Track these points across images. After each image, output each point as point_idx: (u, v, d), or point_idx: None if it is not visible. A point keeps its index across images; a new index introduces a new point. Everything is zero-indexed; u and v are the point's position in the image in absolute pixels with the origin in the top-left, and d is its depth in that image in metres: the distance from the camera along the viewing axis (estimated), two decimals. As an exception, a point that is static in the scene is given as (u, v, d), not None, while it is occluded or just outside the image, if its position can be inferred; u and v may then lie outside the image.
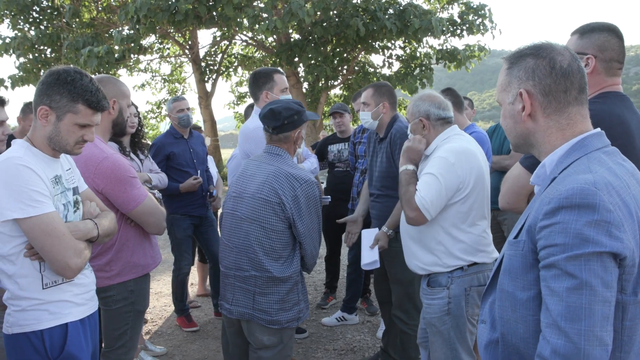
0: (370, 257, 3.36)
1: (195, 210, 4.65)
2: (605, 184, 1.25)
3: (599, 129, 1.42)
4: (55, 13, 15.28)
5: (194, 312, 5.25)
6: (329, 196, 4.13)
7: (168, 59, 19.18)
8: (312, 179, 2.62)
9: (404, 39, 14.67)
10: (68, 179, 2.13)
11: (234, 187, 2.73)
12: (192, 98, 24.23)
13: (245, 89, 20.28)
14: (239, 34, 15.91)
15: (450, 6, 15.63)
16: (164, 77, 20.48)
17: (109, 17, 15.81)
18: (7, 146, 2.27)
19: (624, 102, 2.09)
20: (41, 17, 15.29)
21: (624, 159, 1.41)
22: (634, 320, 1.28)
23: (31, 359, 1.96)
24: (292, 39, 14.92)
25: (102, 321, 2.65)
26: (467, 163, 2.62)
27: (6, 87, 14.84)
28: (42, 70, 14.43)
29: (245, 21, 12.52)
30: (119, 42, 12.38)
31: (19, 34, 14.64)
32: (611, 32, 2.09)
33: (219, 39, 17.12)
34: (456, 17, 14.78)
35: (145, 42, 15.34)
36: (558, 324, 1.21)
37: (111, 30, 14.37)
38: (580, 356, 1.18)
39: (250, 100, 6.27)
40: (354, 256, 4.81)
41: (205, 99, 17.69)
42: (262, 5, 12.61)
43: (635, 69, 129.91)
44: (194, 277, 6.21)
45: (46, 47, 14.97)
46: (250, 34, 15.94)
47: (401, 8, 13.12)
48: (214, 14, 12.62)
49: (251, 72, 3.49)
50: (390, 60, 16.09)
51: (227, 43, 17.87)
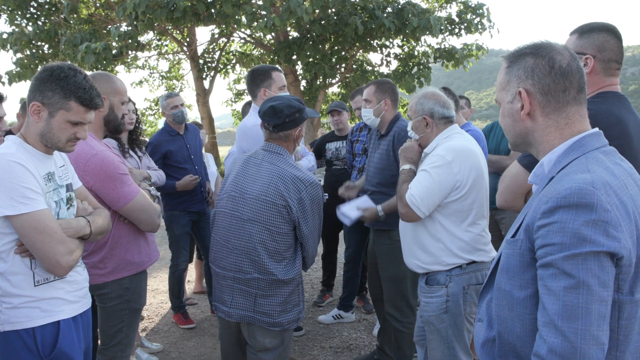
0: (350, 213, 3.28)
1: (194, 206, 4.64)
2: (603, 184, 1.25)
3: (597, 129, 1.41)
4: (53, 9, 15.22)
5: (191, 309, 5.24)
6: (326, 194, 4.13)
7: (166, 56, 19.13)
8: (316, 180, 2.60)
9: (402, 37, 14.69)
10: (61, 176, 2.12)
11: (231, 186, 2.68)
12: (189, 95, 24.21)
13: (243, 86, 20.26)
14: (237, 32, 15.91)
15: (449, 5, 15.63)
16: (161, 74, 20.42)
17: (107, 13, 15.76)
18: None
19: (622, 102, 2.09)
20: (39, 13, 15.22)
21: (622, 158, 1.41)
22: (630, 319, 1.28)
23: (23, 356, 1.95)
24: (290, 37, 14.91)
25: (98, 318, 2.65)
26: (466, 161, 2.61)
27: (3, 83, 14.79)
28: (39, 66, 14.35)
29: (244, 18, 12.50)
30: (116, 38, 12.33)
31: (16, 29, 14.58)
32: (610, 32, 2.09)
33: (217, 36, 17.10)
34: (454, 16, 14.79)
35: (143, 38, 15.30)
36: (555, 323, 1.21)
37: (109, 26, 14.31)
38: (577, 355, 1.18)
39: (248, 98, 6.26)
40: (350, 254, 4.82)
41: (203, 96, 17.65)
42: (260, 2, 12.58)
43: (632, 70, 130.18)
44: (191, 275, 6.21)
45: (43, 43, 14.90)
46: (248, 32, 15.91)
47: (399, 6, 13.11)
48: (212, 11, 12.59)
49: (249, 70, 3.47)
50: (389, 59, 16.09)
51: (225, 40, 17.83)
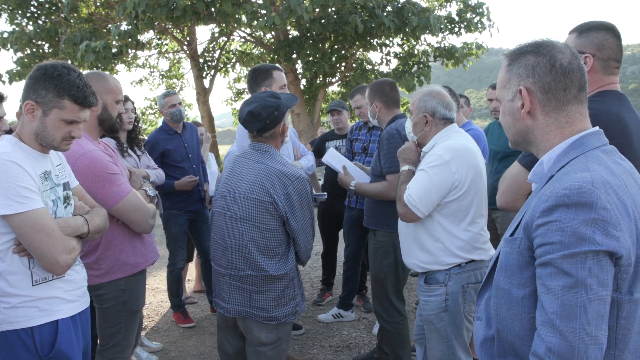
0: (335, 160, 3.87)
1: (192, 206, 4.65)
2: (602, 183, 1.24)
3: (597, 128, 1.41)
4: (54, 8, 15.20)
5: (191, 308, 5.25)
6: (325, 193, 4.12)
7: (166, 54, 19.11)
8: (303, 175, 2.59)
9: (402, 36, 14.66)
10: (58, 175, 2.11)
11: (223, 186, 2.69)
12: (190, 94, 24.17)
13: (243, 85, 20.21)
14: (237, 30, 15.87)
15: (449, 4, 15.61)
16: (162, 73, 20.39)
17: (107, 12, 15.74)
18: None
19: (621, 100, 2.09)
20: (39, 12, 15.21)
21: (622, 157, 1.41)
22: (629, 318, 1.27)
23: (21, 356, 1.94)
24: (290, 36, 14.89)
25: (96, 319, 2.64)
26: (464, 161, 2.61)
27: (3, 82, 14.79)
28: (39, 65, 14.32)
29: (244, 17, 12.48)
30: (116, 37, 12.32)
31: (16, 28, 14.57)
32: (609, 31, 2.09)
33: (217, 35, 17.07)
34: (454, 15, 14.77)
35: (144, 37, 15.28)
36: (553, 322, 1.21)
37: (109, 25, 14.30)
38: (575, 354, 1.18)
39: (248, 97, 6.24)
40: (350, 253, 4.81)
41: (203, 95, 17.63)
42: (260, 1, 12.55)
43: (632, 68, 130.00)
44: (191, 273, 6.21)
45: (44, 42, 14.89)
46: (248, 31, 15.89)
47: (399, 5, 13.08)
48: (213, 10, 12.57)
49: (250, 69, 3.47)
50: (388, 58, 16.06)
51: (226, 39, 17.80)
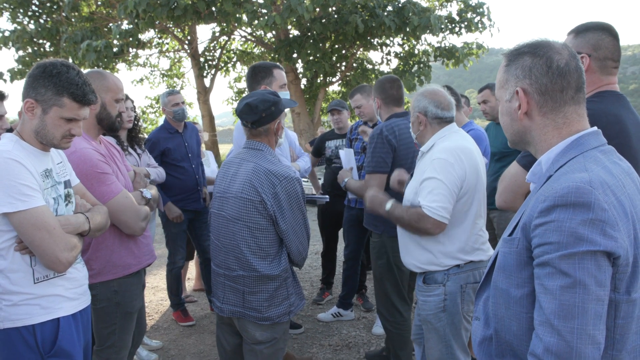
0: (349, 160, 3.92)
1: (191, 205, 4.66)
2: (600, 183, 1.25)
3: (595, 128, 1.41)
4: (55, 7, 15.21)
5: (190, 306, 5.26)
6: (327, 196, 4.12)
7: (167, 54, 19.11)
8: (292, 175, 2.57)
9: (402, 36, 14.66)
10: (59, 173, 2.11)
11: (218, 187, 2.70)
12: (190, 93, 24.07)
13: (244, 84, 20.15)
14: (238, 30, 15.88)
15: (449, 4, 15.60)
16: (162, 72, 20.39)
17: (108, 11, 15.74)
18: None
19: (620, 101, 2.09)
20: (40, 11, 15.23)
21: (620, 157, 1.41)
22: (627, 318, 1.28)
23: (23, 354, 1.95)
24: (291, 35, 14.89)
25: (92, 319, 2.65)
26: (464, 161, 2.60)
27: (5, 81, 14.81)
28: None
29: (244, 17, 12.49)
30: (117, 36, 12.32)
31: (18, 27, 14.60)
32: (605, 30, 2.10)
33: (217, 34, 17.08)
34: (455, 15, 14.77)
35: (144, 36, 15.29)
36: (551, 322, 1.21)
37: (110, 24, 14.31)
38: (573, 354, 1.18)
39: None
40: (350, 252, 4.82)
41: (204, 94, 17.64)
42: (261, 1, 12.56)
43: (632, 69, 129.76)
44: (190, 272, 6.22)
45: (45, 41, 14.92)
46: (249, 30, 15.90)
47: (400, 5, 13.09)
48: (213, 9, 12.58)
49: (250, 66, 3.42)
50: (389, 57, 16.06)
51: (226, 38, 17.80)
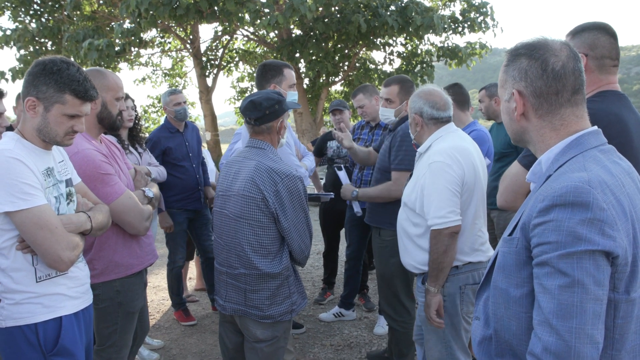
0: (343, 178, 3.91)
1: (191, 205, 4.66)
2: (599, 182, 1.25)
3: (595, 127, 1.41)
4: (56, 6, 15.23)
5: (192, 306, 5.26)
6: (331, 193, 4.12)
7: (169, 53, 19.13)
8: (294, 173, 2.57)
9: (405, 35, 14.66)
10: (60, 171, 2.12)
11: (220, 185, 2.71)
12: (192, 92, 24.09)
13: (246, 84, 20.20)
14: (240, 29, 15.88)
15: (452, 3, 15.60)
16: (164, 71, 20.41)
17: (110, 10, 15.76)
18: None
19: (621, 100, 2.09)
20: (42, 10, 15.24)
21: (620, 157, 1.41)
22: (626, 318, 1.27)
23: (25, 352, 1.95)
24: (293, 35, 14.89)
25: (93, 318, 2.65)
26: (462, 161, 2.59)
27: (7, 80, 14.82)
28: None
29: (247, 16, 12.49)
30: (119, 35, 12.34)
31: (19, 26, 14.61)
32: (601, 29, 2.11)
33: (220, 33, 17.08)
34: (458, 15, 14.76)
35: (147, 36, 15.31)
36: (550, 321, 1.21)
37: (112, 23, 14.32)
38: (571, 354, 1.18)
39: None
40: (352, 252, 4.82)
41: (206, 93, 17.64)
42: (263, 0, 12.57)
43: (636, 69, 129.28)
44: (192, 272, 6.22)
45: (47, 40, 14.93)
46: (251, 29, 15.90)
47: (403, 5, 13.08)
48: (216, 8, 12.58)
49: (260, 64, 3.42)
50: (392, 57, 16.07)
51: (229, 38, 17.81)
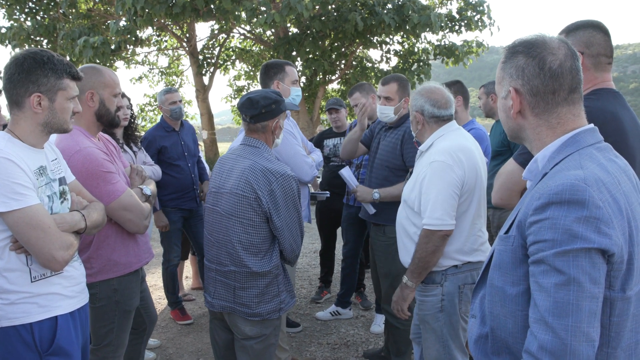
0: (350, 179, 3.69)
1: (186, 204, 4.66)
2: (595, 180, 1.24)
3: (592, 125, 1.41)
4: (52, 4, 15.17)
5: (188, 305, 5.25)
6: (327, 192, 4.12)
7: (165, 51, 19.09)
8: (289, 172, 2.57)
9: (402, 34, 14.65)
10: (53, 170, 2.10)
11: (213, 182, 2.70)
12: (189, 91, 24.14)
13: (243, 82, 20.23)
14: (236, 27, 15.85)
15: (449, 2, 15.62)
16: (161, 69, 20.37)
17: (106, 8, 15.71)
18: None
19: (617, 98, 2.10)
20: (37, 8, 15.19)
21: (617, 155, 1.41)
22: (622, 316, 1.27)
23: (21, 352, 1.94)
24: (290, 33, 14.87)
25: (89, 317, 2.63)
26: (463, 160, 2.57)
27: (1, 78, 14.72)
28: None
29: (243, 14, 12.47)
30: (114, 33, 12.29)
31: (15, 24, 14.53)
32: (595, 27, 2.12)
33: (216, 32, 17.06)
34: (454, 13, 14.77)
35: (143, 34, 15.26)
36: (545, 319, 1.21)
37: (108, 21, 14.28)
38: (567, 352, 1.18)
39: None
40: (348, 250, 4.82)
41: (203, 92, 17.62)
42: (260, -2, 12.55)
43: (633, 67, 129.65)
44: (188, 271, 6.21)
45: (42, 38, 14.86)
46: (248, 28, 15.88)
47: (400, 3, 13.07)
48: (212, 6, 12.55)
49: (263, 64, 3.52)
50: (388, 56, 16.06)
51: (225, 36, 17.79)
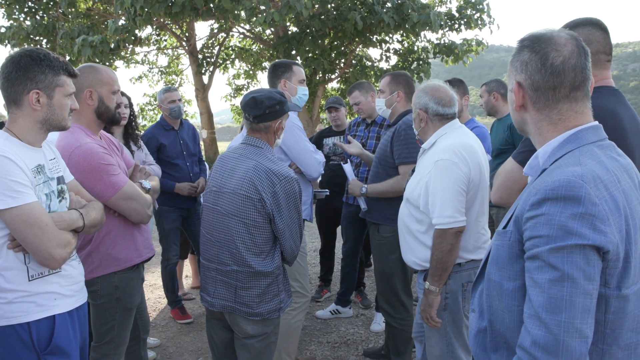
0: (350, 172, 3.81)
1: (184, 203, 4.66)
2: (593, 177, 1.24)
3: (596, 122, 1.40)
4: (51, 3, 15.15)
5: (188, 304, 5.26)
6: (327, 190, 4.12)
7: (165, 50, 19.07)
8: (292, 175, 2.58)
9: (401, 32, 14.62)
10: (52, 169, 2.11)
11: (213, 181, 2.70)
12: (189, 90, 24.15)
13: (242, 81, 20.23)
14: (236, 27, 15.84)
15: (448, 0, 15.58)
16: (161, 69, 20.36)
17: (105, 7, 15.69)
18: None
19: (616, 96, 2.10)
20: (37, 7, 15.16)
21: (620, 153, 1.40)
22: (618, 314, 1.27)
23: (18, 351, 1.94)
24: (289, 32, 14.85)
25: (91, 315, 2.63)
26: (468, 158, 2.57)
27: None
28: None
29: (243, 13, 12.45)
30: (113, 32, 12.28)
31: (14, 23, 14.51)
32: (594, 25, 2.12)
33: (216, 31, 17.04)
34: (454, 12, 14.75)
35: (142, 33, 15.24)
36: (539, 315, 1.21)
37: (107, 21, 14.25)
38: (559, 347, 1.18)
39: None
40: (348, 249, 4.82)
41: (202, 91, 17.60)
42: (259, -3, 12.53)
43: (633, 66, 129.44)
44: (188, 270, 6.22)
45: (42, 38, 14.83)
46: (247, 27, 15.87)
47: (399, 2, 13.03)
48: (211, 5, 12.53)
49: (271, 64, 3.62)
50: (388, 54, 16.03)
51: (224, 35, 17.77)
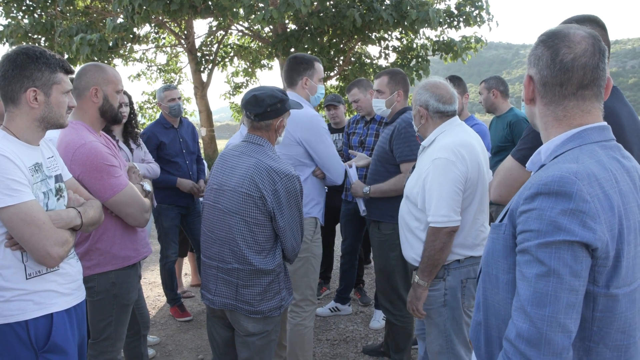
0: (353, 174, 3.71)
1: (182, 200, 4.66)
2: (587, 175, 1.25)
3: (604, 123, 1.40)
4: (49, 1, 15.12)
5: (188, 301, 5.26)
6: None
7: (164, 49, 19.05)
8: (293, 172, 2.58)
9: (400, 30, 14.61)
10: (49, 167, 2.11)
11: (214, 179, 2.70)
12: (188, 88, 24.17)
13: (241, 79, 20.19)
14: (234, 24, 15.81)
15: (447, -3, 15.55)
16: (159, 67, 20.34)
17: (103, 5, 15.66)
18: None
19: (615, 94, 2.10)
20: (35, 5, 15.12)
21: (625, 156, 1.39)
22: (606, 312, 1.28)
23: (16, 349, 1.94)
24: (288, 30, 14.84)
25: (88, 312, 2.63)
26: (466, 156, 2.57)
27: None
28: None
29: (241, 11, 12.43)
30: (111, 30, 12.26)
31: (12, 22, 14.48)
32: (592, 22, 2.12)
33: (214, 29, 17.01)
34: (453, 9, 14.73)
35: (141, 31, 15.22)
36: (525, 308, 1.23)
37: (105, 19, 14.23)
38: (542, 341, 1.20)
39: (246, 91, 6.22)
40: (347, 246, 4.82)
41: (201, 89, 17.58)
42: (258, -5, 12.51)
43: (632, 63, 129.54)
44: (187, 268, 6.22)
45: (40, 36, 14.80)
46: (246, 24, 15.84)
47: (398, -1, 13.04)
48: (210, 3, 12.52)
49: (289, 56, 3.41)
50: (387, 52, 16.00)
51: (223, 33, 17.74)
